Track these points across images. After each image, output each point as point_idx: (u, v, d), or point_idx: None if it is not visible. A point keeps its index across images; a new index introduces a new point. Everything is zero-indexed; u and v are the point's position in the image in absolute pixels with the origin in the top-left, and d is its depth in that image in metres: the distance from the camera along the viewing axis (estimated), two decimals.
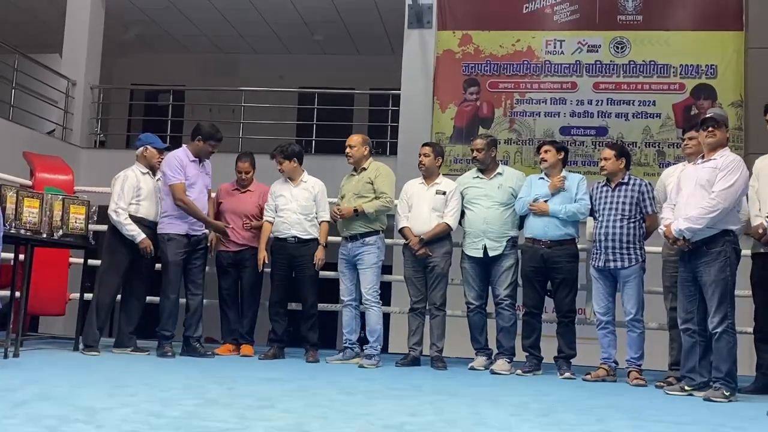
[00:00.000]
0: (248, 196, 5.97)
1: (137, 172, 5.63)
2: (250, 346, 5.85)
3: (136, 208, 5.55)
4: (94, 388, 3.72)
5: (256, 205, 5.93)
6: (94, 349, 5.35)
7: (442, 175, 5.81)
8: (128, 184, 5.54)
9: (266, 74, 13.02)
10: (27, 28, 12.48)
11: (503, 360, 5.43)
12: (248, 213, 5.89)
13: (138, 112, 13.78)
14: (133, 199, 5.53)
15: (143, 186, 5.59)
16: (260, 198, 5.93)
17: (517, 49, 9.35)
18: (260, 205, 5.90)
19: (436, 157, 5.75)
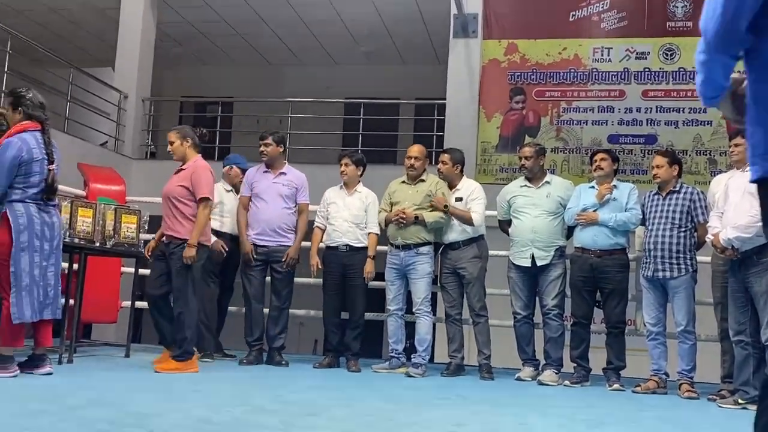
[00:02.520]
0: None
1: (220, 189, 5.82)
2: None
3: (219, 224, 5.75)
4: (145, 393, 3.79)
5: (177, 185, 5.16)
6: (208, 356, 5.56)
7: (464, 179, 5.78)
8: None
9: (312, 85, 13.16)
10: (81, 42, 12.86)
11: (551, 371, 5.36)
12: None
13: (187, 123, 13.99)
14: (215, 214, 5.69)
15: (226, 202, 5.83)
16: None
17: (564, 57, 9.28)
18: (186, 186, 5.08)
19: (455, 165, 5.73)
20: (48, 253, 4.19)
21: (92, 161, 7.47)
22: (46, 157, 4.19)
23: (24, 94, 4.28)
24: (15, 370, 4.00)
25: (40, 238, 4.14)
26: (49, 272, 4.21)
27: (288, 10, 11.37)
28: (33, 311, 4.07)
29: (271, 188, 5.75)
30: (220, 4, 11.32)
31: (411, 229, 5.53)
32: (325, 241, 5.80)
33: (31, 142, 4.16)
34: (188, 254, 4.82)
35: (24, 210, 4.09)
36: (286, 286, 5.75)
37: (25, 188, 4.11)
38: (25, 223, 4.08)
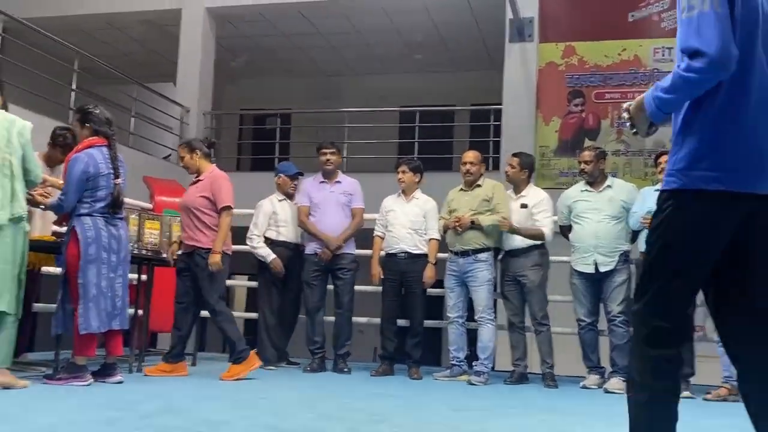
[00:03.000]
0: None
1: (274, 200, 6.00)
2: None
3: (276, 234, 5.88)
4: (215, 401, 3.86)
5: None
6: (270, 364, 5.66)
7: (531, 186, 5.72)
8: (262, 213, 5.96)
9: (368, 95, 13.24)
10: (143, 59, 13.22)
11: (617, 378, 5.25)
12: None
13: (247, 135, 14.30)
14: (271, 225, 5.89)
15: (280, 212, 5.94)
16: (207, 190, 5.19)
17: (624, 58, 9.12)
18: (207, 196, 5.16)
19: (523, 169, 5.68)
20: (115, 265, 4.30)
21: (157, 174, 7.67)
22: (113, 171, 4.32)
23: (91, 111, 4.43)
24: (89, 379, 4.12)
25: (108, 250, 4.25)
26: (117, 283, 4.31)
27: (343, 21, 11.48)
28: (100, 322, 4.18)
29: (328, 198, 5.88)
30: (276, 17, 11.50)
31: (468, 234, 5.50)
32: (384, 248, 5.82)
33: (97, 157, 4.28)
34: (213, 261, 4.93)
35: (92, 223, 4.21)
36: (347, 293, 5.81)
37: (93, 202, 4.24)
38: (93, 236, 4.19)
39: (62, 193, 4.29)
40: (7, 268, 3.84)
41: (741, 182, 1.85)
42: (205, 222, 5.04)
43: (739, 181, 1.85)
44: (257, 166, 13.24)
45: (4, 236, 3.82)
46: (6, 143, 3.88)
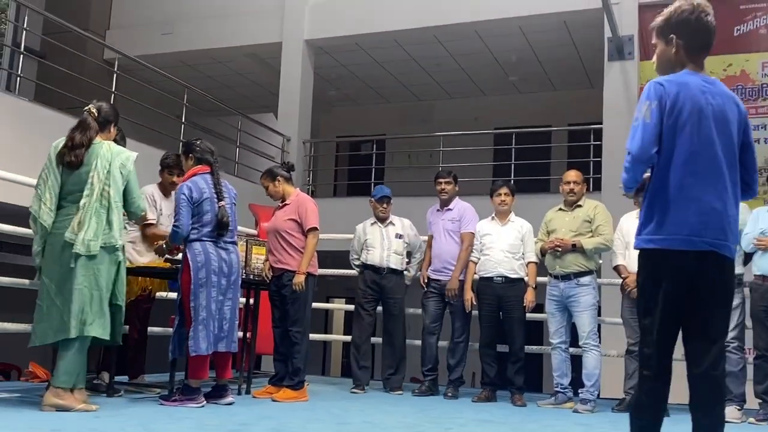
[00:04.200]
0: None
1: (366, 224, 6.13)
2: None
3: (364, 257, 6.02)
4: (322, 423, 3.94)
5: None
6: (359, 387, 5.79)
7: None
8: (355, 237, 6.13)
9: (461, 117, 13.27)
10: (246, 91, 13.73)
11: (733, 407, 5.01)
12: None
13: (343, 162, 14.58)
14: (362, 248, 6.03)
15: (369, 235, 6.04)
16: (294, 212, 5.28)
17: (729, 73, 8.78)
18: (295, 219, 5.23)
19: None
20: (225, 288, 4.45)
21: (262, 202, 7.90)
22: (216, 195, 4.49)
23: (194, 143, 4.68)
24: (202, 401, 4.28)
25: (218, 274, 4.40)
26: (226, 306, 4.45)
27: (437, 47, 11.58)
28: (208, 344, 4.31)
29: (439, 225, 6.02)
30: (371, 46, 11.72)
31: (569, 257, 5.40)
32: (479, 272, 5.79)
33: (200, 183, 4.48)
34: (298, 281, 5.02)
35: (201, 248, 4.39)
36: (460, 318, 5.86)
37: (200, 227, 4.42)
38: (203, 260, 4.36)
39: (174, 221, 4.48)
40: (99, 294, 3.87)
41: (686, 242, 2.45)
42: (293, 244, 5.16)
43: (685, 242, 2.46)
44: (353, 192, 13.47)
45: (98, 263, 3.88)
46: (106, 174, 3.95)
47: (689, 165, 2.46)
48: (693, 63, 2.62)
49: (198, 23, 11.78)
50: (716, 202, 2.46)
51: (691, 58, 2.63)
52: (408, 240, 6.10)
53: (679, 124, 2.47)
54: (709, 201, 2.45)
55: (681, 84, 2.53)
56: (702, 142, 2.47)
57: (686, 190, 2.45)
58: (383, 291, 5.94)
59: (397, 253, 6.01)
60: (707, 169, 2.46)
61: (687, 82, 2.54)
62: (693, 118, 2.48)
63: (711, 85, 2.58)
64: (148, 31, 11.92)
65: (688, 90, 2.52)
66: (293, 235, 5.18)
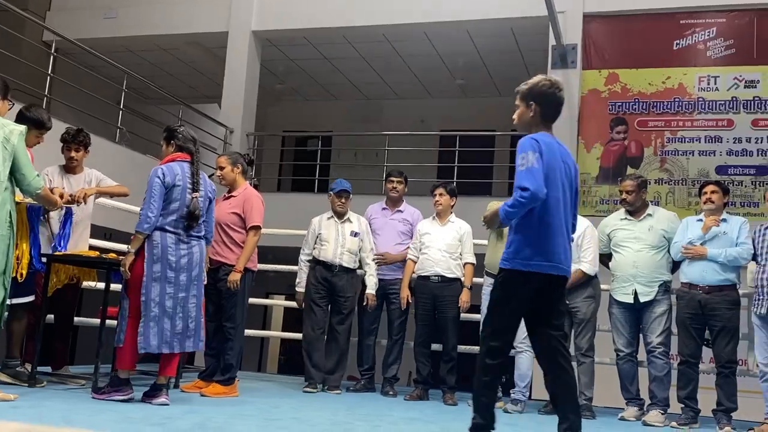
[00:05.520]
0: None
1: (323, 218, 5.91)
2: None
3: (318, 252, 5.77)
4: (248, 419, 3.88)
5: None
6: (311, 386, 5.60)
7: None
8: (309, 231, 5.89)
9: (408, 118, 13.31)
10: (189, 80, 13.50)
11: (656, 411, 5.15)
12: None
13: (288, 157, 14.47)
14: (317, 243, 5.79)
15: (324, 230, 5.79)
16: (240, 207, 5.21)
17: (668, 86, 9.03)
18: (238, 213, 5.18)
19: None
20: (186, 284, 4.20)
21: None
22: (191, 186, 4.25)
23: (176, 129, 4.45)
24: (129, 392, 4.09)
25: (176, 269, 4.16)
26: (191, 304, 4.21)
27: (386, 46, 11.59)
28: (161, 342, 4.09)
29: (388, 225, 5.98)
30: (320, 41, 11.66)
31: None
32: (417, 271, 5.81)
33: (176, 169, 4.24)
34: (232, 278, 4.94)
35: (159, 240, 4.13)
36: (397, 317, 5.87)
37: (164, 215, 4.16)
38: (159, 254, 4.12)
39: (144, 206, 4.15)
40: None
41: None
42: (234, 239, 5.07)
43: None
44: (297, 187, 13.39)
45: None
46: None
47: (554, 207, 3.12)
48: (545, 127, 3.27)
49: (143, 8, 11.51)
50: (567, 239, 3.20)
51: (544, 123, 3.28)
52: (362, 239, 5.84)
53: (548, 174, 3.09)
54: (565, 237, 3.18)
55: (547, 143, 3.15)
56: (560, 189, 3.15)
57: (554, 227, 3.13)
58: (334, 289, 5.73)
59: (351, 251, 5.77)
60: (563, 213, 3.16)
61: (550, 142, 3.17)
62: (555, 171, 3.13)
63: (561, 146, 3.25)
64: (91, 15, 11.60)
65: (551, 148, 3.15)
66: (235, 229, 5.09)
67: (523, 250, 3.11)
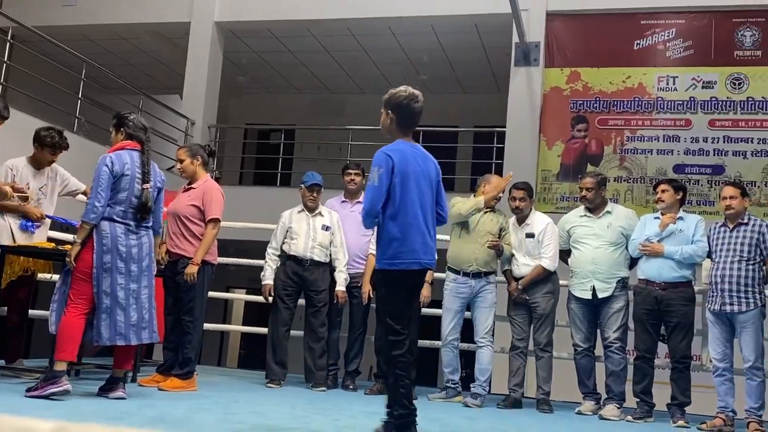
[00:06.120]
0: None
1: (293, 212, 5.85)
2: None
3: (287, 246, 5.72)
4: (207, 413, 3.85)
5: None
6: (274, 381, 5.56)
7: (535, 213, 5.68)
8: (279, 225, 5.83)
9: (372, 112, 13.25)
10: (151, 70, 13.31)
11: (612, 405, 5.24)
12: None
13: (251, 150, 14.35)
14: (287, 237, 5.74)
15: (294, 224, 5.74)
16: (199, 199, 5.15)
17: (628, 85, 9.17)
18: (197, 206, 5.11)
19: (530, 199, 5.68)
20: (138, 275, 4.12)
21: None
22: (141, 176, 4.15)
23: (127, 116, 4.31)
24: (63, 384, 3.84)
25: (126, 259, 4.07)
26: (143, 295, 4.14)
27: (350, 40, 11.56)
28: (114, 334, 4.00)
29: (348, 218, 5.90)
30: (284, 34, 11.58)
31: (483, 257, 5.49)
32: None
33: (125, 158, 4.12)
34: (190, 271, 4.87)
35: (109, 231, 4.03)
36: (359, 311, 5.86)
37: (112, 205, 4.06)
38: (109, 244, 4.02)
39: (92, 196, 4.04)
40: None
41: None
42: (193, 231, 5.01)
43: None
44: (260, 181, 13.29)
45: None
46: None
47: (411, 210, 3.41)
48: (404, 134, 3.55)
49: None
50: (426, 235, 3.45)
51: (402, 131, 3.55)
52: (333, 233, 5.79)
53: (402, 181, 3.40)
54: (425, 233, 3.44)
55: (400, 152, 3.45)
56: (416, 192, 3.43)
57: (412, 227, 3.39)
58: (305, 283, 5.69)
59: (322, 245, 5.72)
60: (421, 213, 3.43)
61: (403, 150, 3.47)
62: (409, 175, 3.42)
63: (417, 150, 3.53)
64: (49, 2, 11.35)
65: (405, 156, 3.45)
66: (194, 221, 5.03)
67: (388, 251, 3.41)
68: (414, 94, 3.56)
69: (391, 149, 3.46)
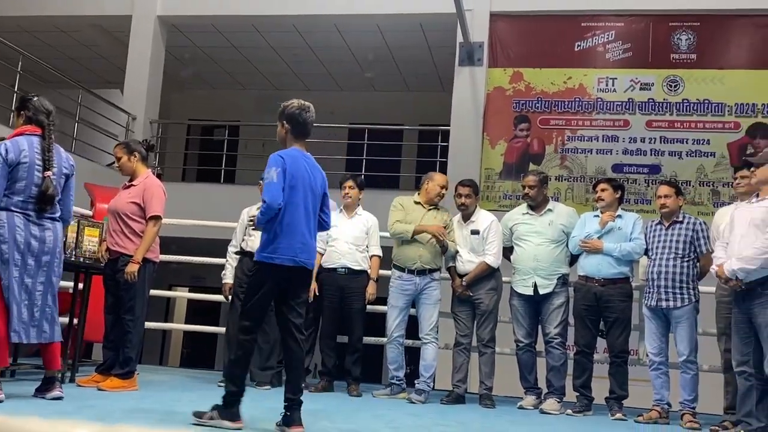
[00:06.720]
0: None
1: (252, 208, 5.73)
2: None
3: (245, 244, 5.67)
4: (147, 413, 3.79)
5: None
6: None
7: (479, 210, 5.75)
8: (238, 222, 5.81)
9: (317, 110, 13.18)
10: (91, 64, 12.99)
11: (553, 399, 5.35)
12: None
13: (194, 146, 14.14)
14: (245, 235, 5.70)
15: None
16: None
17: (569, 86, 9.35)
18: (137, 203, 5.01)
19: (476, 196, 5.76)
20: (33, 270, 3.91)
21: (100, 182, 7.52)
22: (41, 163, 3.92)
23: (30, 99, 4.09)
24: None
25: (23, 252, 3.86)
26: (37, 291, 3.92)
27: (295, 37, 11.49)
28: (11, 330, 3.81)
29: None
30: (228, 30, 11.44)
31: (430, 254, 5.53)
32: (324, 263, 5.79)
33: (22, 144, 3.90)
34: (130, 270, 4.78)
35: (6, 220, 3.83)
36: (310, 310, 5.80)
37: (10, 194, 3.85)
38: (6, 235, 3.81)
39: None
40: None
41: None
42: (134, 229, 4.92)
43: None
44: (203, 177, 13.11)
45: None
46: None
47: (294, 210, 3.63)
48: (297, 142, 3.79)
49: None
50: (309, 236, 3.70)
51: (296, 139, 3.79)
52: None
53: (290, 183, 3.61)
54: (306, 234, 3.68)
55: (293, 158, 3.69)
56: (301, 196, 3.66)
57: (294, 227, 3.62)
58: None
59: None
60: (303, 215, 3.67)
61: (296, 156, 3.71)
62: (297, 180, 3.65)
63: (308, 160, 3.78)
64: None
65: (297, 162, 3.69)
66: (134, 219, 4.94)
67: (268, 246, 3.61)
68: (305, 105, 3.82)
69: (285, 153, 3.70)
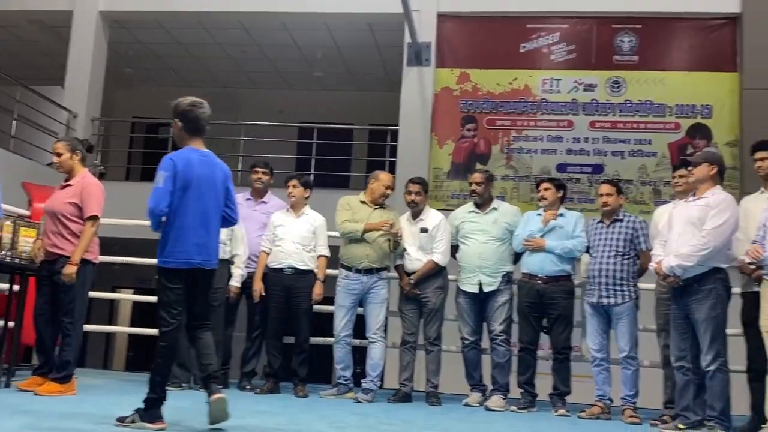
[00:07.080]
0: None
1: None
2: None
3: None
4: (84, 418, 3.70)
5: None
6: (175, 384, 5.30)
7: (428, 209, 5.78)
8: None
9: (267, 109, 13.13)
10: (30, 60, 12.63)
11: (498, 396, 5.40)
12: None
13: (138, 144, 13.87)
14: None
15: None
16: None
17: (515, 87, 9.46)
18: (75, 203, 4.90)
19: (426, 194, 5.79)
20: None
21: (39, 181, 7.31)
22: None
23: None
24: None
25: None
26: None
27: (242, 34, 11.36)
28: None
29: (252, 216, 5.88)
30: (173, 26, 11.25)
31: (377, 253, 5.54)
32: (270, 263, 5.74)
33: None
34: (68, 272, 4.67)
35: None
36: (258, 311, 5.81)
37: None
38: None
39: None
40: None
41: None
42: (72, 229, 4.80)
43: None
44: (148, 176, 12.85)
45: None
46: None
47: (190, 213, 3.59)
48: (193, 140, 3.72)
49: None
50: (206, 236, 3.65)
51: (191, 136, 3.72)
52: (233, 229, 5.48)
53: (182, 186, 3.57)
54: (202, 235, 3.63)
55: (185, 159, 3.62)
56: (199, 197, 3.61)
57: (187, 230, 3.58)
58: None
59: (222, 242, 5.42)
60: (200, 215, 3.62)
61: (188, 157, 3.64)
62: (191, 181, 3.59)
63: (205, 157, 3.70)
64: None
65: (190, 163, 3.62)
66: (72, 219, 4.81)
67: (164, 250, 3.60)
68: (197, 101, 3.76)
69: (176, 155, 3.64)
